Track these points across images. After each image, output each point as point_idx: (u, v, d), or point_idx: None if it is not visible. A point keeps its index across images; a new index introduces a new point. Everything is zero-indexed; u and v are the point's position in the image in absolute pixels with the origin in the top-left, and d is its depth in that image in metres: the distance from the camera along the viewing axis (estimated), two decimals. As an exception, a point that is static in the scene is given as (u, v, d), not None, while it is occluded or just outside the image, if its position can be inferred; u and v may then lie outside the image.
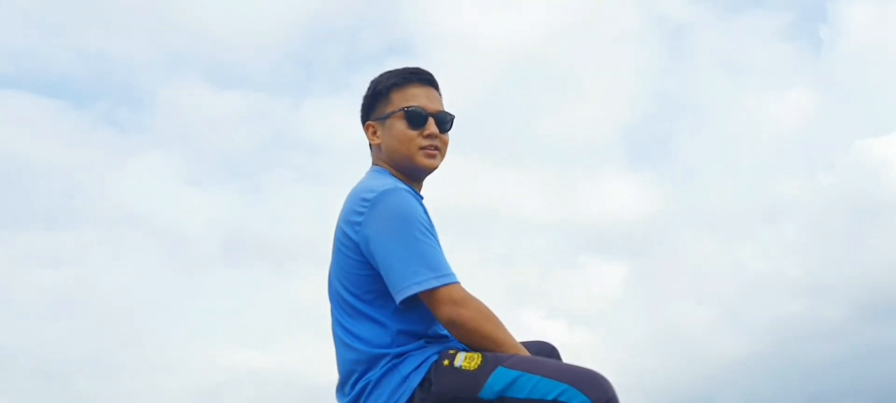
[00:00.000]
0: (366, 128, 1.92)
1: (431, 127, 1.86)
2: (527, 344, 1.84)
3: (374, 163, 1.92)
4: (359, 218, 1.71)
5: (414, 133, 1.84)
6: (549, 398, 1.56)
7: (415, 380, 1.65)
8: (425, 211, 1.76)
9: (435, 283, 1.63)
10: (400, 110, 1.86)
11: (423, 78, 1.91)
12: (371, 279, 1.72)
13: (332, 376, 1.84)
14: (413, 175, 1.88)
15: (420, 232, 1.67)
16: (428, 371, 1.65)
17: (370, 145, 1.94)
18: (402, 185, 1.76)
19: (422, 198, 1.86)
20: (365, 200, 1.72)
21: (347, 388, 1.74)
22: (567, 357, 1.96)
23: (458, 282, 1.67)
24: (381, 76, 1.93)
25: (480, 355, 1.64)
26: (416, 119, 1.85)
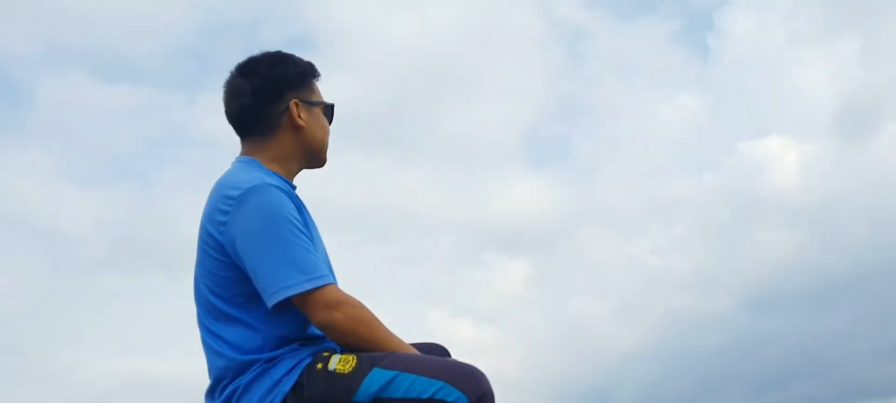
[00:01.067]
0: (292, 104, 1.79)
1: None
2: (418, 346, 1.80)
3: (248, 150, 1.80)
4: (224, 218, 1.62)
5: (329, 129, 1.88)
6: (425, 396, 1.54)
7: (286, 385, 1.58)
8: (298, 207, 1.69)
9: (307, 286, 1.57)
10: (326, 104, 1.87)
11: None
12: (239, 281, 1.64)
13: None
14: (312, 166, 1.88)
15: (289, 232, 1.59)
16: (300, 376, 1.59)
17: (275, 121, 1.78)
18: (270, 180, 1.67)
19: (294, 189, 1.78)
20: (230, 197, 1.63)
21: (217, 393, 1.66)
22: (470, 354, 1.96)
23: (332, 283, 1.62)
24: (296, 58, 1.85)
25: (355, 356, 1.59)
26: (331, 116, 1.89)
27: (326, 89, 1.92)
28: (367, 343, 1.61)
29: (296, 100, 1.79)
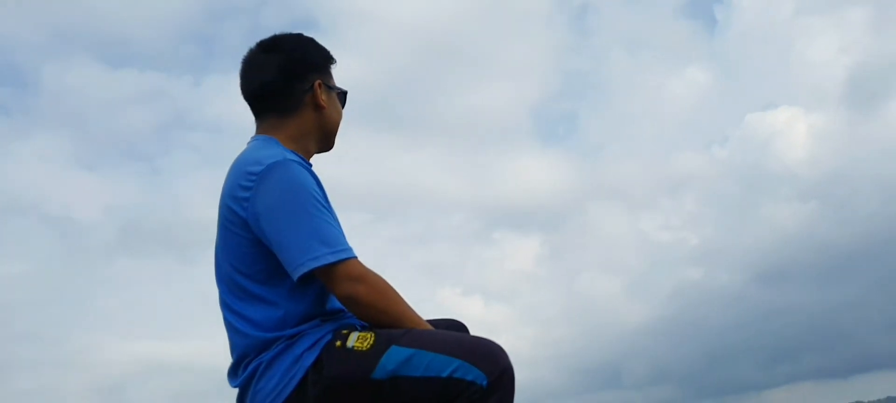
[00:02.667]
0: (315, 84, 1.81)
1: None
2: (435, 322, 1.81)
3: (264, 128, 1.81)
4: (246, 194, 1.64)
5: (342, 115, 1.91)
6: (444, 374, 1.55)
7: (307, 360, 1.60)
8: (318, 183, 1.70)
9: (331, 259, 1.59)
10: (343, 91, 1.90)
11: None
12: (262, 257, 1.65)
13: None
14: (325, 149, 1.89)
15: (312, 206, 1.62)
16: (321, 352, 1.61)
17: (297, 100, 1.80)
18: (291, 156, 1.69)
19: (311, 167, 1.79)
20: (252, 174, 1.64)
21: (240, 371, 1.68)
22: (481, 332, 1.95)
23: (355, 257, 1.63)
24: (318, 43, 1.88)
25: (373, 334, 1.61)
26: (344, 103, 1.92)
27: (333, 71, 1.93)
28: (388, 317, 1.63)
29: (319, 81, 1.83)
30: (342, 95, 1.91)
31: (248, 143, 1.80)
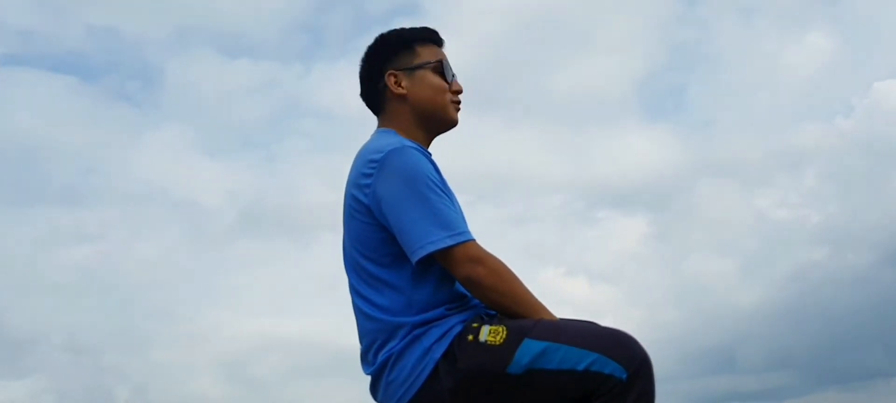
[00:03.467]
0: (387, 77, 1.84)
1: (457, 83, 1.88)
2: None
3: (381, 124, 1.88)
4: (368, 181, 1.68)
5: (446, 85, 1.85)
6: (580, 368, 1.53)
7: (437, 352, 1.61)
8: (436, 168, 1.73)
9: (449, 242, 1.61)
10: (433, 62, 1.85)
11: (440, 40, 1.92)
12: (386, 242, 1.69)
13: (355, 340, 1.82)
14: (436, 129, 1.88)
15: (430, 190, 1.64)
16: (451, 344, 1.61)
17: (382, 97, 1.86)
18: (409, 143, 1.72)
19: (430, 154, 1.81)
20: (372, 161, 1.69)
21: (371, 357, 1.72)
22: (587, 314, 1.90)
23: (473, 240, 1.64)
24: (399, 29, 1.90)
25: (505, 327, 1.60)
26: (443, 73, 1.86)
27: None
28: (508, 299, 1.63)
29: (390, 72, 1.84)
30: (441, 66, 1.86)
31: (372, 136, 1.85)
